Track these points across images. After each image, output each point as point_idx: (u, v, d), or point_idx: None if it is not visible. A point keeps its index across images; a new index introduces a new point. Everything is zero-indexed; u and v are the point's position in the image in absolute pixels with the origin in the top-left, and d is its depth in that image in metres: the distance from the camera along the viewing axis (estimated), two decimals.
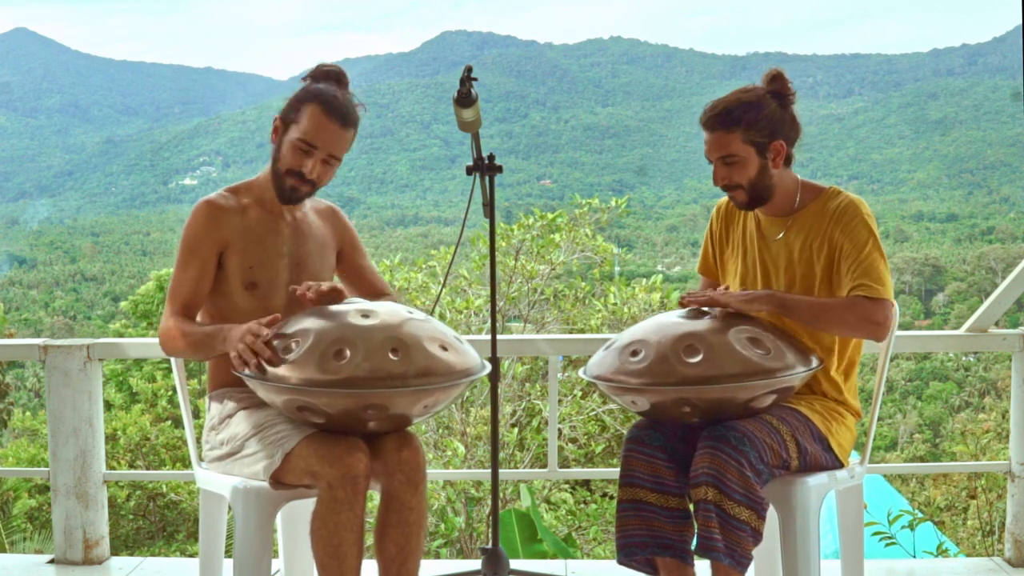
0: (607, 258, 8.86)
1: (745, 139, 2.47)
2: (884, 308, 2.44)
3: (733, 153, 2.48)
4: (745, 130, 2.47)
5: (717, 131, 2.49)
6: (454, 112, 2.55)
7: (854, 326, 2.44)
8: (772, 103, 2.50)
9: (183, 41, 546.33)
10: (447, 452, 7.31)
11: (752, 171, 2.50)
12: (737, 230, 2.68)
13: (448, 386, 2.28)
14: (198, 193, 74.39)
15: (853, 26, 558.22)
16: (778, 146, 2.51)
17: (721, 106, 2.49)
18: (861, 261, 2.46)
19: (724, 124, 2.48)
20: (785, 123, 2.52)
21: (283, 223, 2.58)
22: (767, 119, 2.48)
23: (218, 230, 2.51)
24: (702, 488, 2.28)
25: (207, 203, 2.53)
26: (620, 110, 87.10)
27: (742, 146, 2.48)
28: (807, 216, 2.55)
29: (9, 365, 16.57)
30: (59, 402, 3.32)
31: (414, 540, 2.39)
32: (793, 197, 2.57)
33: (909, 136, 74.43)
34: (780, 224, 2.58)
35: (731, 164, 2.49)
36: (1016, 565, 3.28)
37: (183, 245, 2.51)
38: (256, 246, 2.53)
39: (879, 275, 2.45)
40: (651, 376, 2.31)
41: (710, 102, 2.53)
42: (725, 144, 2.48)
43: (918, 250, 45.99)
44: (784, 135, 2.51)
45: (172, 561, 3.64)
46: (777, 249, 2.58)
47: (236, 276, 2.52)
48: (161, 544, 11.78)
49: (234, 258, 2.51)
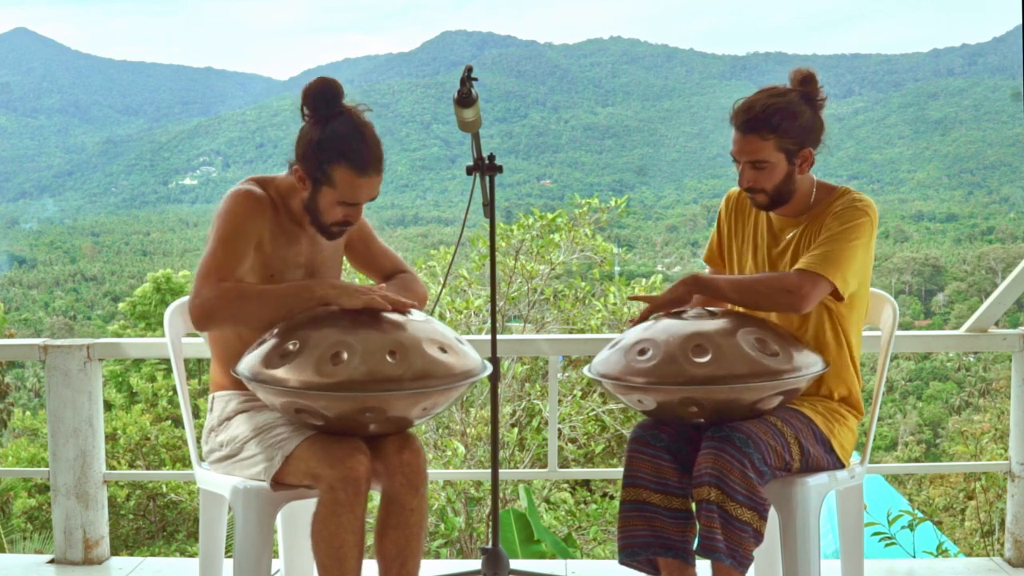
0: (607, 258, 8.85)
1: (778, 146, 2.44)
2: (804, 277, 2.39)
3: (765, 159, 2.45)
4: (780, 137, 2.44)
5: (751, 135, 2.44)
6: (454, 112, 2.54)
7: (769, 298, 2.42)
8: (807, 110, 2.46)
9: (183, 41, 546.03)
10: (447, 452, 7.31)
11: (779, 177, 2.47)
12: (749, 224, 2.66)
13: (446, 388, 2.27)
14: (198, 193, 74.52)
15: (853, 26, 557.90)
16: (807, 153, 2.49)
17: (759, 109, 2.43)
18: (822, 241, 2.45)
19: (760, 129, 2.43)
20: (815, 130, 2.49)
21: (303, 235, 2.54)
22: (801, 128, 2.45)
23: (257, 223, 2.44)
24: (705, 488, 2.28)
25: (249, 193, 2.45)
26: (620, 110, 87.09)
27: (774, 152, 2.45)
28: (815, 216, 2.54)
29: (9, 365, 16.60)
30: (59, 402, 3.32)
31: (414, 541, 2.39)
32: (808, 198, 2.56)
33: (909, 136, 74.43)
34: (793, 224, 2.57)
35: (760, 169, 2.46)
36: (1016, 565, 3.28)
37: (226, 225, 2.40)
38: (278, 255, 2.49)
39: (831, 256, 2.41)
40: (659, 375, 2.31)
41: (743, 102, 2.48)
42: (758, 149, 2.45)
43: (918, 250, 46.00)
44: (813, 142, 2.49)
45: (172, 561, 3.64)
46: (786, 248, 2.57)
47: (255, 278, 2.47)
48: (161, 544, 11.78)
49: (258, 259, 2.46)
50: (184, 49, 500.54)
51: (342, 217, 2.45)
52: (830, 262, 2.41)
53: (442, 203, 65.05)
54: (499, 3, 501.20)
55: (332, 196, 2.41)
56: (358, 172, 2.38)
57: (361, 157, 2.38)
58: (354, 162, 2.37)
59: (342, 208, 2.43)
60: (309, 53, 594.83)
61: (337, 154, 2.37)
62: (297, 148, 2.43)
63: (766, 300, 2.44)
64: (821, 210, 2.54)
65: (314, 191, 2.42)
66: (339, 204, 2.42)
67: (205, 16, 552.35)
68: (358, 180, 2.39)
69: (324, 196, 2.42)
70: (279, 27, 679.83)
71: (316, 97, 2.40)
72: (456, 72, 2.62)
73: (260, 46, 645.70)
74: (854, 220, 2.46)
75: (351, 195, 2.41)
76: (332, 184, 2.39)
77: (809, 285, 2.39)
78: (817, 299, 2.42)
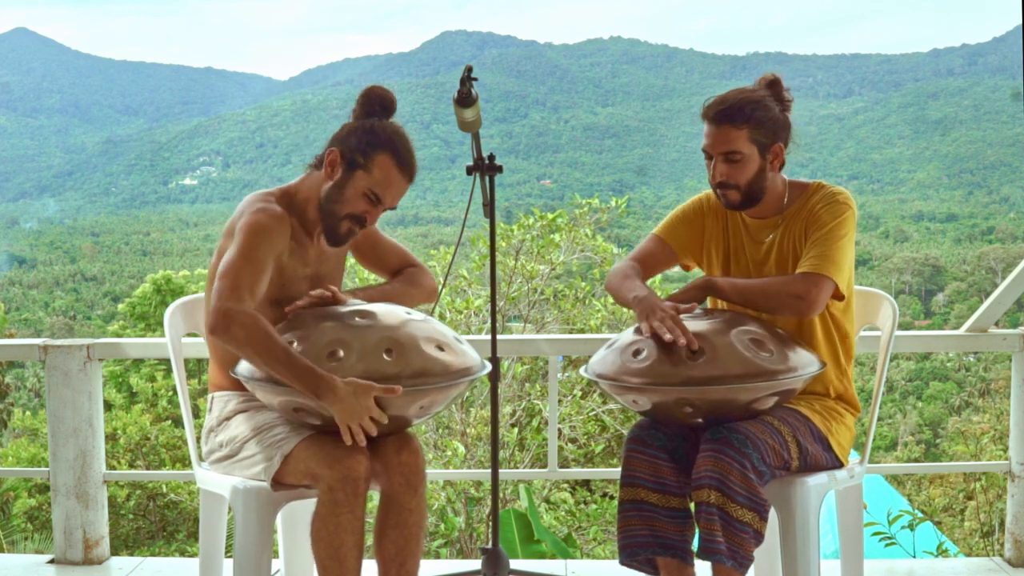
0: (607, 258, 8.84)
1: (751, 137, 2.45)
2: (810, 281, 2.41)
3: (737, 150, 2.45)
4: (752, 128, 2.45)
5: (724, 125, 2.45)
6: (454, 112, 2.54)
7: (780, 302, 2.44)
8: (775, 106, 2.49)
9: (183, 41, 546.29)
10: (447, 452, 7.31)
11: (751, 171, 2.48)
12: (725, 229, 2.65)
13: (444, 387, 2.27)
14: (198, 193, 74.57)
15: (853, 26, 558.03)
16: (778, 149, 2.50)
17: (730, 101, 2.45)
18: (816, 240, 2.46)
19: (732, 119, 2.44)
20: (786, 127, 2.51)
21: (311, 246, 2.54)
22: (772, 120, 2.47)
23: (279, 243, 2.43)
24: (705, 490, 2.28)
25: (275, 216, 2.41)
26: (620, 110, 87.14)
27: (747, 144, 2.45)
28: (793, 214, 2.55)
29: (9, 365, 16.59)
30: (59, 402, 3.32)
31: (413, 541, 2.39)
32: (782, 199, 2.56)
33: (909, 136, 74.47)
34: (770, 226, 2.57)
35: (734, 162, 2.47)
36: (1016, 565, 3.28)
37: (251, 239, 2.36)
38: (291, 268, 2.49)
39: (829, 254, 2.43)
40: (653, 376, 2.31)
41: (714, 97, 2.50)
42: (731, 139, 2.45)
43: (918, 250, 46.00)
44: (784, 139, 2.51)
45: (172, 561, 3.64)
46: (767, 251, 2.57)
47: (268, 291, 2.43)
48: (161, 544, 11.78)
49: (273, 272, 2.44)
50: (184, 49, 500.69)
51: (362, 211, 2.45)
52: (830, 262, 2.43)
53: (442, 203, 65.05)
54: (499, 3, 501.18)
55: (364, 183, 2.42)
56: (399, 165, 2.42)
57: (406, 156, 2.44)
58: (398, 156, 2.42)
59: (366, 201, 2.44)
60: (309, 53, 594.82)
61: (385, 143, 2.42)
62: (340, 133, 2.46)
63: (776, 305, 2.45)
64: (798, 208, 2.54)
65: (345, 176, 2.43)
66: (366, 195, 2.43)
67: (205, 16, 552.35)
68: (396, 175, 2.43)
69: (356, 182, 2.43)
70: (279, 27, 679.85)
71: (376, 101, 2.47)
72: (456, 72, 2.62)
73: (260, 46, 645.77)
74: (840, 216, 2.48)
75: (383, 187, 2.42)
76: (369, 170, 2.41)
77: (816, 289, 2.41)
78: (825, 301, 2.44)
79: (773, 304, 2.45)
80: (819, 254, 2.43)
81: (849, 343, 2.59)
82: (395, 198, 2.46)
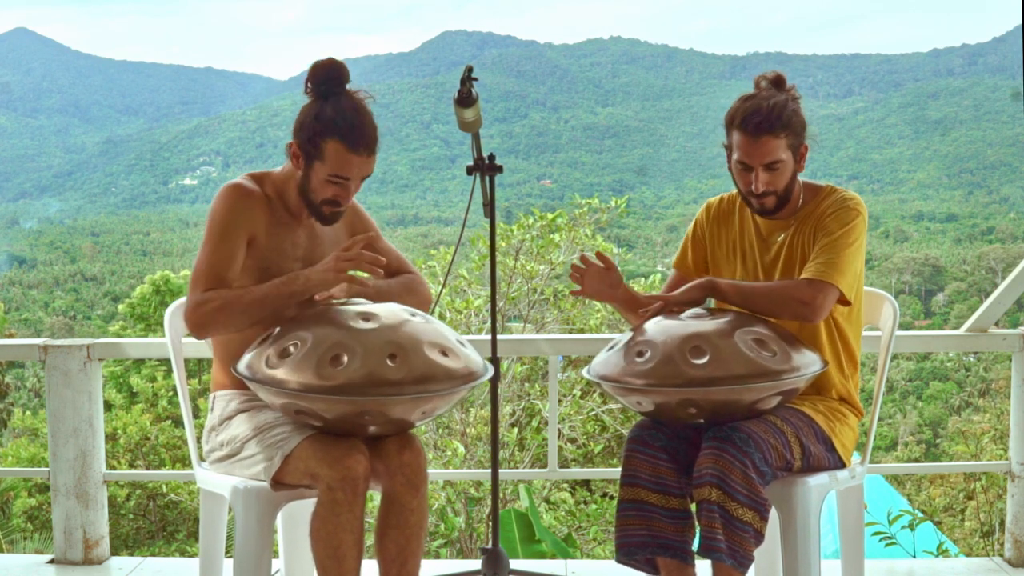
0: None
1: (788, 144, 2.44)
2: (815, 288, 2.41)
3: (779, 159, 2.43)
4: (788, 134, 2.43)
5: (764, 136, 2.41)
6: (454, 112, 2.54)
7: (782, 307, 2.43)
8: (796, 106, 2.47)
9: (183, 41, 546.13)
10: (447, 452, 7.31)
11: (788, 176, 2.47)
12: (733, 231, 2.64)
13: (447, 393, 2.26)
14: (198, 193, 74.51)
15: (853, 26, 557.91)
16: (804, 149, 2.49)
17: (765, 111, 2.40)
18: (824, 246, 2.45)
19: (772, 129, 2.41)
20: (804, 127, 2.49)
21: (300, 228, 2.55)
22: (800, 123, 2.46)
23: (248, 217, 2.46)
24: (706, 488, 2.28)
25: (238, 187, 2.47)
26: (620, 110, 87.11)
27: (785, 151, 2.44)
28: (804, 217, 2.54)
29: (9, 365, 16.59)
30: (59, 402, 3.31)
31: (414, 541, 2.39)
32: (797, 201, 2.55)
33: (909, 136, 74.46)
34: (782, 227, 2.56)
35: (774, 170, 2.44)
36: (1016, 565, 3.27)
37: (213, 227, 2.43)
38: (274, 249, 2.50)
39: (835, 261, 2.43)
40: (657, 377, 2.30)
41: (744, 106, 2.43)
42: (773, 150, 2.42)
43: (918, 250, 46.00)
44: (806, 138, 2.49)
45: (172, 561, 3.65)
46: (777, 252, 2.56)
47: (251, 274, 2.47)
48: (161, 544, 11.79)
49: (253, 254, 2.47)
50: (184, 49, 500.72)
51: (332, 195, 2.46)
52: (836, 269, 2.42)
53: (442, 203, 65.07)
54: (499, 3, 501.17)
55: (323, 171, 2.43)
56: (349, 147, 2.41)
57: (353, 134, 2.41)
58: (346, 137, 2.40)
59: (332, 185, 2.45)
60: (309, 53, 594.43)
61: (330, 129, 2.41)
62: (295, 124, 2.47)
63: (779, 309, 2.45)
64: (810, 211, 2.54)
65: (307, 167, 2.46)
66: (329, 180, 2.44)
67: (205, 16, 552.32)
68: (348, 155, 2.42)
69: (316, 172, 2.44)
70: (279, 27, 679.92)
71: (322, 75, 2.44)
72: (456, 72, 2.62)
73: (260, 46, 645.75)
74: (850, 222, 2.47)
75: (340, 169, 2.42)
76: (323, 159, 2.42)
77: (821, 296, 2.41)
78: (829, 308, 2.44)
79: (776, 308, 2.45)
80: (826, 261, 2.43)
81: (852, 348, 2.58)
82: (358, 173, 2.46)
